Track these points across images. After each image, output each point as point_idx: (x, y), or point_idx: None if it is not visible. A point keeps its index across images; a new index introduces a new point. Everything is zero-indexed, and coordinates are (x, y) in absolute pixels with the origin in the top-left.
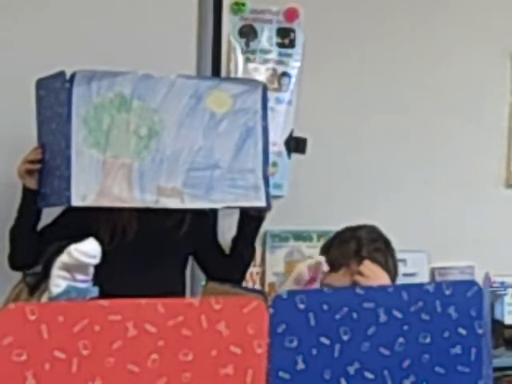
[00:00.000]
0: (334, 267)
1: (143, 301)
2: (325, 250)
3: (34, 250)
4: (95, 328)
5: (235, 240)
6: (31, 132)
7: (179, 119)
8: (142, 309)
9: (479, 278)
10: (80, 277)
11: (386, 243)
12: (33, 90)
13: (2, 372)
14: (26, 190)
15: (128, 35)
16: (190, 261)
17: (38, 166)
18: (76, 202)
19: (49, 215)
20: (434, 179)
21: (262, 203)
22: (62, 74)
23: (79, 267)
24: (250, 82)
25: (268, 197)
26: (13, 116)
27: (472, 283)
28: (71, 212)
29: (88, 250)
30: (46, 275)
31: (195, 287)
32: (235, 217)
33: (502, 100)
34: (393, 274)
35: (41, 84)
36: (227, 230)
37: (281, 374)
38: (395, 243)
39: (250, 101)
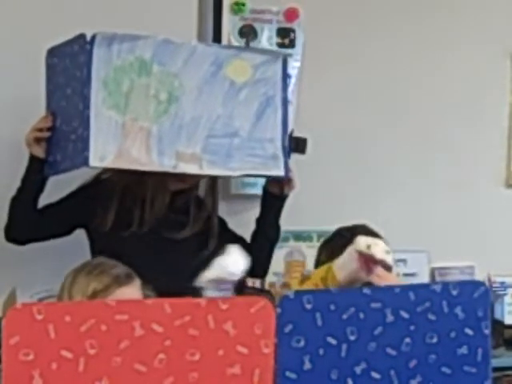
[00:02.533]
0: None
1: (150, 300)
2: (328, 256)
3: (32, 223)
4: (102, 328)
5: (259, 220)
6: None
7: (199, 85)
8: (149, 308)
9: (479, 278)
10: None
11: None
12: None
13: (10, 371)
14: (32, 159)
15: None
16: None
17: (47, 134)
18: (94, 162)
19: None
20: (434, 179)
21: (280, 172)
22: (81, 36)
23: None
24: (270, 53)
25: (287, 166)
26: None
27: (479, 284)
28: (77, 196)
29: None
30: None
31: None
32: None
33: (502, 100)
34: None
35: (53, 52)
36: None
37: (288, 373)
38: (395, 243)
39: (270, 71)
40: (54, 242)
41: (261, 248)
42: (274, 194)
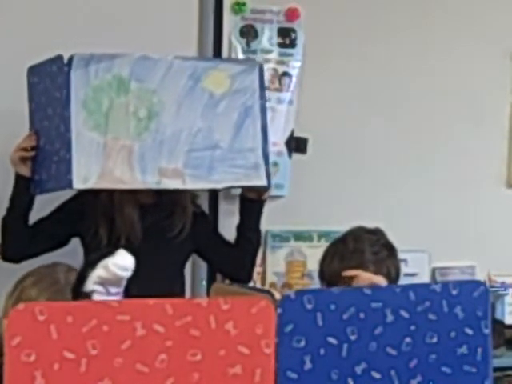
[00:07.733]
0: (332, 282)
1: (151, 301)
2: (327, 260)
3: (25, 241)
4: (104, 328)
5: (239, 227)
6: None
7: (178, 100)
8: (151, 309)
9: (480, 278)
10: (114, 290)
11: (389, 249)
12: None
13: (11, 372)
14: (19, 178)
15: (128, 35)
16: (191, 261)
17: (32, 153)
18: (77, 184)
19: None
20: (435, 179)
21: (262, 182)
22: (59, 57)
23: (115, 281)
24: (246, 62)
25: (269, 175)
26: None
27: (478, 283)
28: (67, 207)
29: (125, 264)
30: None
31: (195, 287)
32: (235, 218)
33: (503, 100)
34: (393, 278)
35: (34, 70)
36: (227, 230)
37: (288, 373)
38: (396, 243)
39: (247, 81)
40: None
41: (245, 252)
42: (251, 199)
